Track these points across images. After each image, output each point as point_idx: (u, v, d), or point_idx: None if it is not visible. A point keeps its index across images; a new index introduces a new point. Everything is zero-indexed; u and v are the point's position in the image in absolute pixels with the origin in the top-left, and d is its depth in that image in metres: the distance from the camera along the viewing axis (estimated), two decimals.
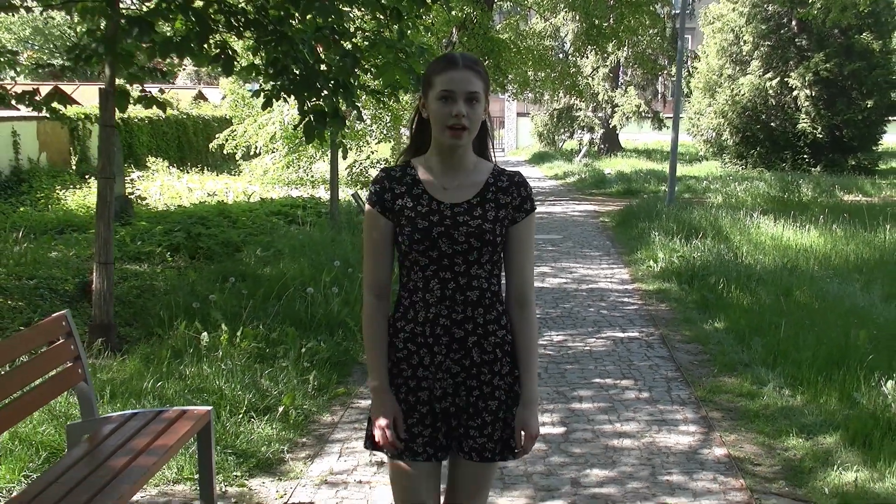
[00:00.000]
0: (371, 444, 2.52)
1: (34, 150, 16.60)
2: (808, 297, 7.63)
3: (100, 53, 5.77)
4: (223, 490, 4.05)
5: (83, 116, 17.95)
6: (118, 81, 6.41)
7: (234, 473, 4.21)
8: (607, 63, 31.36)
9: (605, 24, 19.94)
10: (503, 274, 2.50)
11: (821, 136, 24.95)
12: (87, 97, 19.80)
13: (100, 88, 6.47)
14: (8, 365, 3.68)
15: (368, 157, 19.91)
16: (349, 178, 18.56)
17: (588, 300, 8.27)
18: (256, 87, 18.80)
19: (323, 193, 16.72)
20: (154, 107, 6.89)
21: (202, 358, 5.51)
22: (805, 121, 25.03)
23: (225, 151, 19.19)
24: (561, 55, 28.03)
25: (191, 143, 23.29)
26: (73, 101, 6.87)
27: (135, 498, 3.86)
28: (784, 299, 7.50)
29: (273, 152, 19.03)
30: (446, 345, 2.41)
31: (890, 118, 26.69)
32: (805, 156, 25.36)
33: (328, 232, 10.65)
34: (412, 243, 2.39)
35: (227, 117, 20.79)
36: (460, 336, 2.41)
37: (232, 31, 6.15)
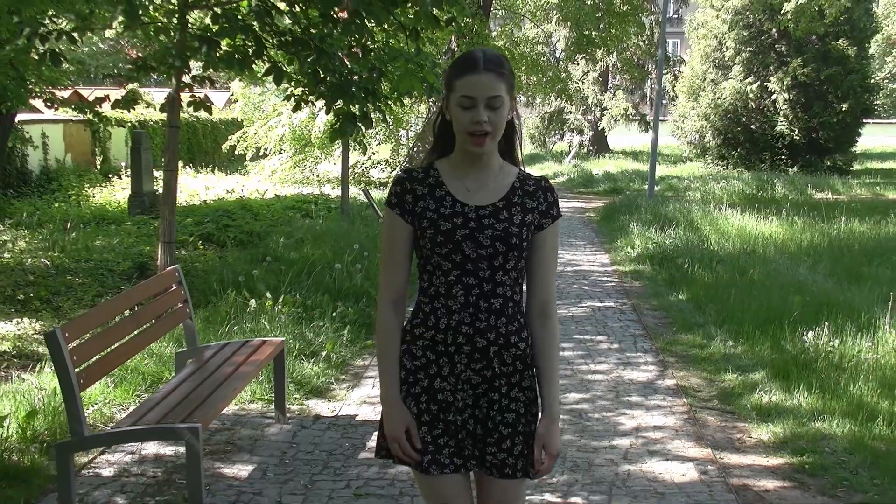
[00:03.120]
0: (386, 453, 2.45)
1: (60, 150, 17.76)
2: (760, 274, 8.91)
3: (176, 66, 6.99)
4: (288, 407, 5.29)
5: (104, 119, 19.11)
6: (135, 87, 7.70)
7: (294, 396, 5.47)
8: (597, 68, 32.65)
9: (594, 33, 21.22)
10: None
11: (798, 137, 26.24)
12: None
13: (167, 94, 7.71)
14: (137, 305, 4.90)
15: (370, 158, 21.18)
16: (352, 178, 19.79)
17: (573, 279, 9.56)
18: (258, 90, 20.00)
19: (329, 191, 18.00)
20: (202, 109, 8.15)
21: (256, 318, 6.76)
22: (783, 123, 26.33)
23: (237, 152, 20.37)
24: (552, 60, 29.29)
25: (200, 145, 24.45)
26: (130, 105, 8.03)
27: (223, 412, 5.10)
28: (739, 276, 8.80)
29: (281, 153, 20.27)
30: (468, 354, 2.34)
31: (864, 121, 28.01)
32: (783, 157, 26.65)
33: (342, 223, 11.90)
34: (434, 246, 2.32)
35: (239, 120, 21.96)
36: (483, 345, 2.33)
37: (282, 48, 7.37)
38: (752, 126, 26.94)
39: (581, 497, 4.08)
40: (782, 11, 22.07)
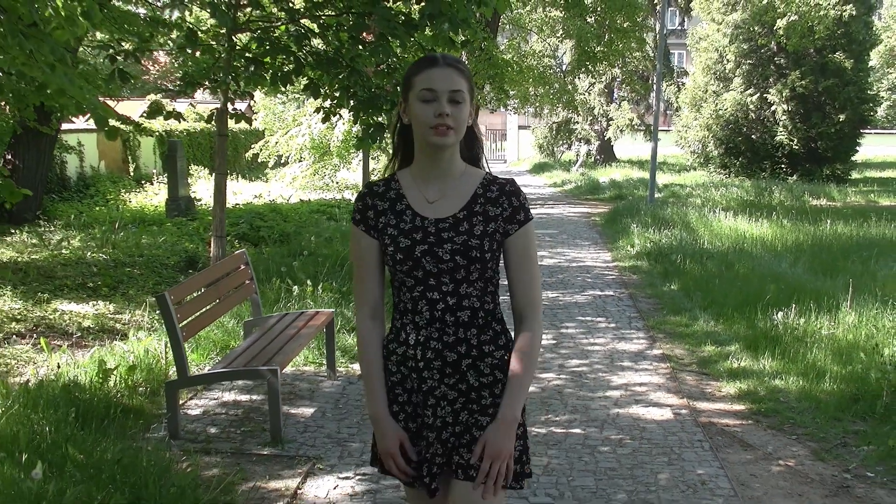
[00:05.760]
0: (381, 468, 2.45)
1: (95, 158, 18.89)
2: (745, 268, 9.91)
3: (225, 82, 8.05)
4: (337, 368, 6.32)
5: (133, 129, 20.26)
6: (157, 98, 8.77)
7: (341, 361, 6.50)
8: (602, 79, 33.70)
9: (597, 49, 22.26)
10: (503, 288, 2.36)
11: (797, 147, 27.23)
12: (126, 112, 22.15)
13: (214, 108, 8.77)
14: (207, 285, 5.94)
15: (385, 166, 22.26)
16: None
17: (577, 272, 10.60)
18: (278, 100, 21.07)
19: (348, 196, 19.10)
20: (242, 121, 9.19)
21: (300, 300, 7.80)
22: (783, 133, 27.32)
23: (260, 160, 21.49)
24: (559, 73, 30.35)
25: None
26: (180, 118, 9.02)
27: (284, 371, 6.13)
28: (725, 269, 9.82)
29: (301, 161, 21.38)
30: (439, 369, 2.30)
31: (864, 131, 28.98)
32: (783, 165, 27.64)
33: None
34: (395, 263, 2.30)
35: (261, 129, 23.06)
36: (453, 359, 2.29)
37: (318, 67, 8.42)
38: (753, 136, 27.92)
39: (579, 429, 5.11)
40: (775, 27, 23.15)
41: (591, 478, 4.43)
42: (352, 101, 8.56)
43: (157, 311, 7.57)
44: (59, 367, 5.58)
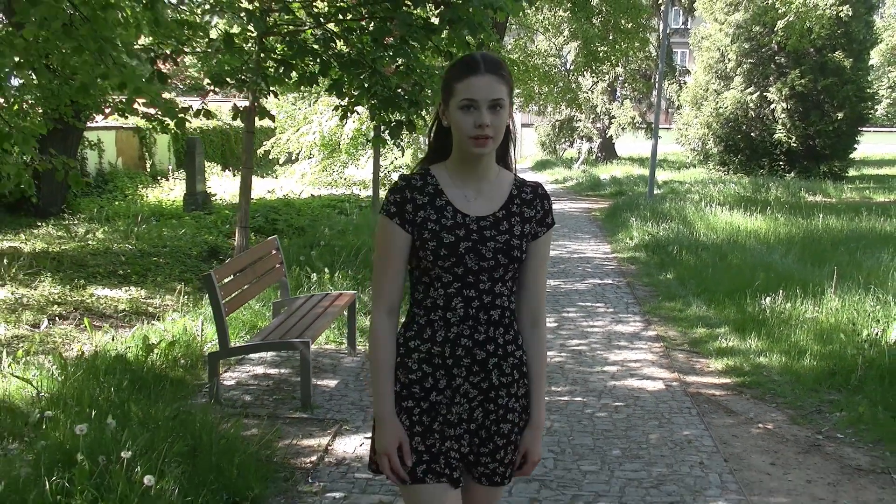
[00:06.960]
0: (377, 467, 2.42)
1: (113, 155, 19.46)
2: (738, 259, 10.45)
3: (256, 81, 8.59)
4: (356, 349, 6.88)
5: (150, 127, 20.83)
6: (172, 98, 9.33)
7: (360, 340, 7.06)
8: (605, 78, 34.23)
9: (601, 50, 22.81)
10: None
11: (795, 145, 27.75)
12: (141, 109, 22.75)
13: (237, 104, 9.31)
14: (244, 268, 6.49)
15: (392, 163, 22.81)
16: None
17: (578, 263, 11.16)
18: (291, 98, 21.61)
19: (356, 192, 19.68)
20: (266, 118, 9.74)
21: (320, 286, 8.36)
22: (781, 131, 27.85)
23: (271, 156, 22.07)
24: (563, 71, 30.88)
25: (232, 150, 26.16)
26: (210, 115, 9.55)
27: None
28: (719, 260, 10.37)
29: (311, 158, 21.94)
30: (467, 367, 2.32)
31: (862, 129, 29.50)
32: (781, 163, 28.17)
33: (375, 218, 13.52)
34: (437, 259, 2.27)
35: (273, 127, 23.63)
36: (482, 357, 2.31)
37: (342, 69, 8.95)
38: (752, 134, 28.44)
39: (579, 398, 5.68)
40: (776, 28, 23.71)
41: (588, 437, 4.99)
42: (373, 101, 9.11)
43: (187, 296, 8.18)
44: (113, 339, 6.15)
